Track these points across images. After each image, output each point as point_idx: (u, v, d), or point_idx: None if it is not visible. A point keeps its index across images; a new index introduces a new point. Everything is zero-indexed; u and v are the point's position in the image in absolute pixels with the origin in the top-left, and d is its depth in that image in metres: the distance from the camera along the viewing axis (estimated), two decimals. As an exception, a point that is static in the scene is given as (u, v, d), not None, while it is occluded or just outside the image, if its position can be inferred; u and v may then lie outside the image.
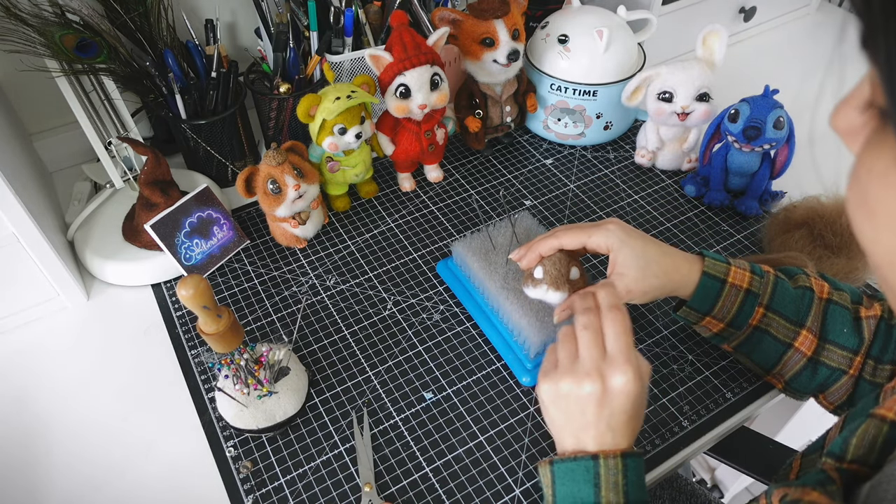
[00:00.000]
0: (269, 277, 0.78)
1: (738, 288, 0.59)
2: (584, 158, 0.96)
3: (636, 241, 0.58)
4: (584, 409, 0.48)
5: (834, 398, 0.60)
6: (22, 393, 0.68)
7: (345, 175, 0.83)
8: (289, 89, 0.84)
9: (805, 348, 0.58)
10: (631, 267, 0.57)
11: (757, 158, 0.82)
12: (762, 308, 0.59)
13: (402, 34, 0.77)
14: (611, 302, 0.52)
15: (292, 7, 0.84)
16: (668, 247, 0.60)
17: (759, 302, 0.59)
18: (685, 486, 0.89)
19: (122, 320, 0.75)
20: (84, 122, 0.71)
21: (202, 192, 0.77)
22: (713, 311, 0.60)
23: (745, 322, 0.60)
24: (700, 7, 1.09)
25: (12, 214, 0.64)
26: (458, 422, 0.64)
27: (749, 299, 0.59)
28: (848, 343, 0.58)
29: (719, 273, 0.60)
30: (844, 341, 0.58)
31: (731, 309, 0.60)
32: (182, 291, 0.53)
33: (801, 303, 0.59)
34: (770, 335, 0.59)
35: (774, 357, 0.60)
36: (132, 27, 0.74)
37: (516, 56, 0.83)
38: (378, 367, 0.69)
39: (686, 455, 0.62)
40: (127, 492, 0.60)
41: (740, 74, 1.10)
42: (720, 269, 0.60)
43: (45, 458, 0.63)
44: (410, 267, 0.79)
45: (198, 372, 0.69)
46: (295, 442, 0.63)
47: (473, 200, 0.89)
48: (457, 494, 0.59)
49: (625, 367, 0.47)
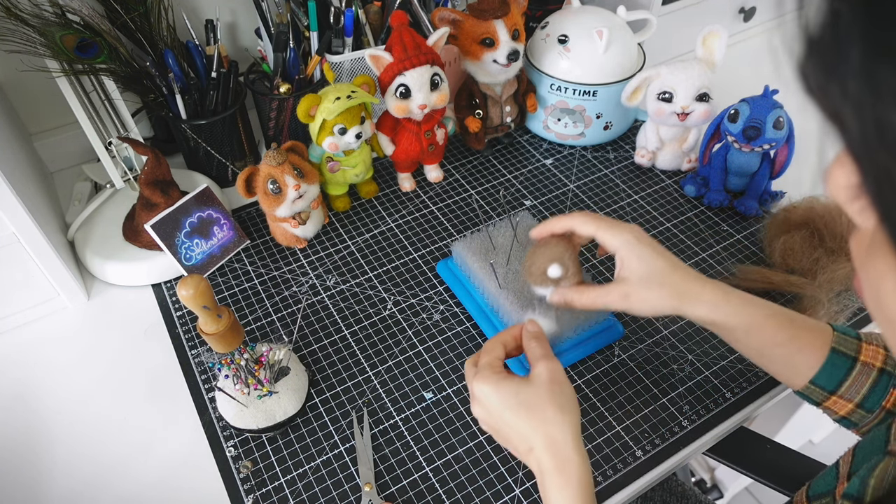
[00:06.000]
0: (269, 277, 0.78)
1: (870, 367, 0.54)
2: (583, 158, 0.96)
3: (645, 249, 0.56)
4: (490, 424, 0.52)
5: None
6: (22, 393, 0.68)
7: (345, 175, 0.83)
8: (289, 89, 0.84)
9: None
10: (634, 273, 0.56)
11: (757, 158, 0.82)
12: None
13: (402, 34, 0.77)
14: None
15: (292, 7, 0.84)
16: (682, 265, 0.57)
17: (894, 383, 0.53)
18: (676, 488, 0.89)
19: (123, 320, 0.75)
20: (84, 122, 0.71)
21: (202, 192, 0.77)
22: (840, 389, 0.55)
23: (878, 404, 0.54)
24: (700, 7, 1.09)
25: (13, 214, 0.64)
26: (458, 422, 0.64)
27: (883, 379, 0.54)
28: None
29: (849, 350, 0.55)
30: None
31: (861, 389, 0.54)
32: (182, 291, 0.53)
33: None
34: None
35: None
36: (132, 27, 0.74)
37: (516, 56, 0.83)
38: (378, 367, 0.69)
39: (685, 455, 0.62)
40: (127, 491, 0.60)
41: (740, 74, 1.10)
42: (850, 345, 0.55)
43: (46, 458, 0.63)
44: (410, 267, 0.79)
45: (198, 372, 0.69)
46: (295, 442, 0.63)
47: (473, 200, 0.89)
48: (457, 494, 0.59)
49: (472, 383, 0.53)
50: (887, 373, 0.54)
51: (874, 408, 0.54)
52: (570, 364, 0.69)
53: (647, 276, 0.56)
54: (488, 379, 0.51)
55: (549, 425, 0.48)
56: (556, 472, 0.47)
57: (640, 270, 0.56)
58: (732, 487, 1.41)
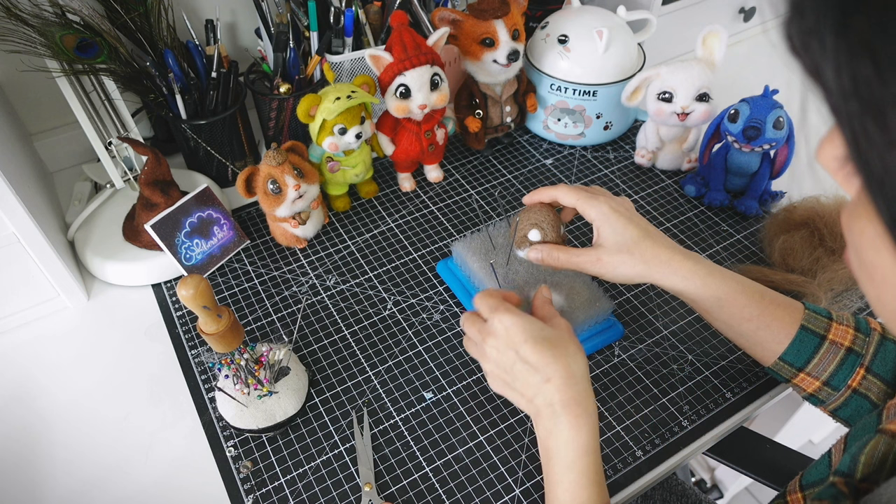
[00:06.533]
0: (269, 277, 0.78)
1: (838, 345, 0.55)
2: (583, 158, 0.96)
3: (619, 219, 0.59)
4: (504, 365, 0.53)
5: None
6: (22, 393, 0.68)
7: (345, 175, 0.83)
8: (289, 89, 0.84)
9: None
10: (607, 240, 0.59)
11: (757, 158, 0.82)
12: (862, 370, 0.55)
13: (402, 34, 0.77)
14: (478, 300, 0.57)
15: (292, 7, 0.84)
16: (657, 233, 0.60)
17: (861, 363, 0.55)
18: (676, 487, 0.89)
19: (123, 320, 0.75)
20: (84, 122, 0.71)
21: (202, 192, 0.77)
22: (807, 366, 0.57)
23: (844, 383, 0.55)
24: (700, 7, 1.09)
25: (13, 214, 0.64)
26: (458, 422, 0.64)
27: (850, 358, 0.55)
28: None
29: (818, 329, 0.56)
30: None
31: (828, 367, 0.56)
32: (182, 291, 0.53)
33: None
34: (869, 400, 0.55)
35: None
36: (132, 27, 0.74)
37: (516, 56, 0.83)
38: (378, 367, 0.69)
39: (685, 455, 0.62)
40: (127, 491, 0.60)
41: (740, 74, 1.10)
42: (820, 323, 0.57)
43: (46, 458, 0.63)
44: (410, 267, 0.79)
45: (198, 372, 0.69)
46: (295, 442, 0.63)
47: (473, 200, 0.89)
48: (457, 494, 0.59)
49: (491, 315, 0.54)
50: (855, 352, 0.55)
51: (840, 386, 0.56)
52: (570, 364, 0.69)
53: (618, 243, 0.59)
54: (514, 312, 0.53)
55: (570, 359, 0.51)
56: (574, 402, 0.49)
57: (612, 238, 0.59)
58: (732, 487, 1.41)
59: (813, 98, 0.23)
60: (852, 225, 0.27)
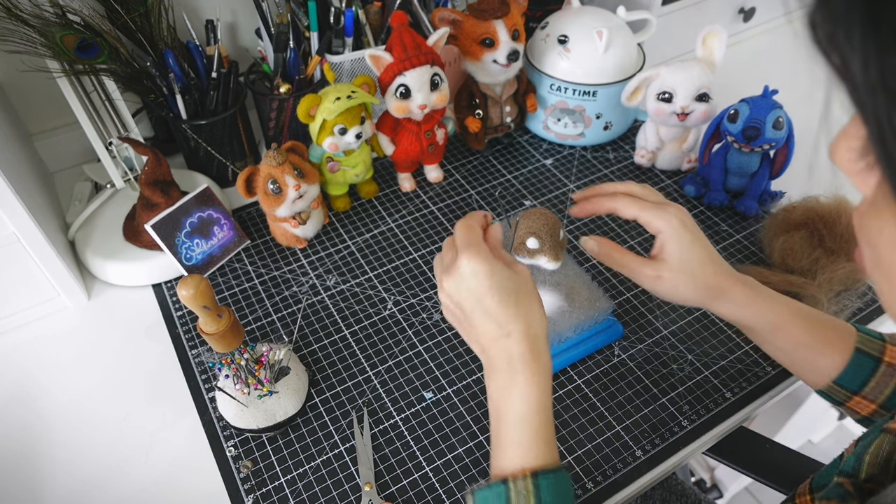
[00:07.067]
0: (270, 277, 0.78)
1: (894, 368, 0.54)
2: (583, 159, 0.96)
3: (687, 235, 0.56)
4: (462, 306, 0.50)
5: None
6: (22, 392, 0.68)
7: (345, 175, 0.83)
8: (289, 89, 0.84)
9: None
10: (671, 257, 0.56)
11: (756, 159, 0.82)
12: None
13: (403, 34, 0.77)
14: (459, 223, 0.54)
15: (292, 7, 0.84)
16: (718, 258, 0.57)
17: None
18: (676, 487, 0.89)
19: (123, 320, 0.75)
20: (85, 122, 0.71)
21: (202, 192, 0.77)
22: (863, 390, 0.55)
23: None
24: (700, 7, 1.09)
25: (13, 214, 0.64)
26: (458, 422, 0.64)
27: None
28: None
29: (874, 351, 0.54)
30: None
31: (885, 390, 0.54)
32: (182, 291, 0.53)
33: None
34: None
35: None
36: (133, 28, 0.75)
37: (516, 56, 0.83)
38: (378, 367, 0.69)
39: (685, 455, 0.62)
40: (127, 491, 0.60)
41: (740, 75, 1.10)
42: (874, 345, 0.55)
43: (46, 458, 0.63)
44: (410, 267, 0.80)
45: (198, 372, 0.69)
46: (295, 442, 0.63)
47: (473, 200, 0.89)
48: (457, 494, 0.59)
49: (461, 253, 0.49)
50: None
51: (894, 407, 0.54)
52: (570, 364, 0.69)
53: (682, 262, 0.56)
54: (485, 257, 0.49)
55: (531, 317, 0.49)
56: (532, 359, 0.48)
57: (677, 255, 0.56)
58: (732, 487, 1.41)
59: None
60: (869, 224, 0.26)
